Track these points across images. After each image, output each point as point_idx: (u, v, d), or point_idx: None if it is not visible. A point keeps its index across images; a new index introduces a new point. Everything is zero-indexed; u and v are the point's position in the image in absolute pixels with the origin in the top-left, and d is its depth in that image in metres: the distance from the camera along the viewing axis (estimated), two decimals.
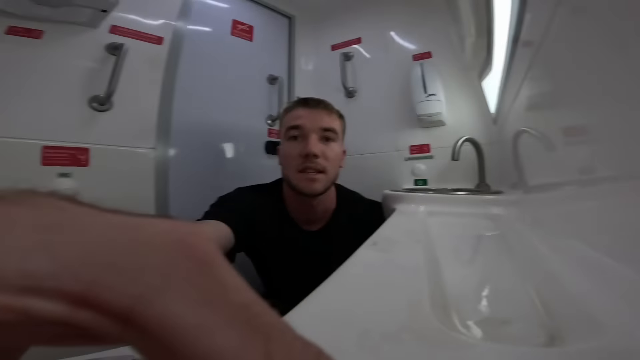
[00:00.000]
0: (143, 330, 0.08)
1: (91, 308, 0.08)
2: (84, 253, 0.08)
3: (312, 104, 0.80)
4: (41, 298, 0.07)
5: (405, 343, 0.18)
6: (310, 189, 0.75)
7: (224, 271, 0.09)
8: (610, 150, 0.27)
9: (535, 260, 0.37)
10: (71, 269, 0.08)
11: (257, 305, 0.09)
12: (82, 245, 0.08)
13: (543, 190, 0.52)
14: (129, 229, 0.09)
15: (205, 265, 0.09)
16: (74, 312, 0.08)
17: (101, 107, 0.90)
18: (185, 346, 0.08)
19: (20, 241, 0.08)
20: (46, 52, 0.83)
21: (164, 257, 0.08)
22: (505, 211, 0.70)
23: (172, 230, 0.09)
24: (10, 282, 0.07)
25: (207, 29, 1.22)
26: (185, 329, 0.08)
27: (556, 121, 0.42)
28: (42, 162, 0.80)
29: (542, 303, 0.25)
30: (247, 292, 0.09)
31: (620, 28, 0.24)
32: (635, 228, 0.23)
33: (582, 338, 0.18)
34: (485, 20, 0.81)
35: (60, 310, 0.08)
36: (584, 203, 0.34)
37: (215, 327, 0.08)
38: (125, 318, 0.08)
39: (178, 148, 1.07)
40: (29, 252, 0.07)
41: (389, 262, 0.36)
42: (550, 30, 0.39)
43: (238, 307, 0.09)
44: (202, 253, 0.09)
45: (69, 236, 0.08)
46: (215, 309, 0.08)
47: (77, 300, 0.08)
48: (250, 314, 0.09)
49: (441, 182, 1.24)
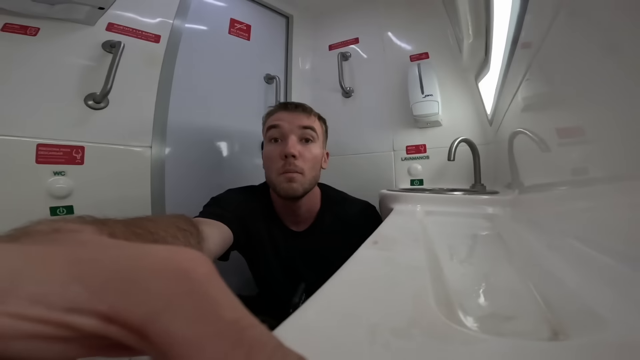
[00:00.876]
0: (152, 343, 0.09)
1: (116, 323, 0.10)
2: (104, 282, 0.10)
3: (291, 107, 0.82)
4: (80, 315, 0.10)
5: (415, 338, 0.18)
6: (291, 190, 0.77)
7: (217, 290, 0.11)
8: (603, 151, 0.28)
9: (532, 258, 0.37)
10: (97, 294, 0.10)
11: (245, 320, 0.10)
12: (102, 275, 0.10)
13: (538, 191, 0.53)
14: (136, 259, 0.11)
15: (200, 286, 0.10)
16: (105, 326, 0.10)
17: (97, 105, 0.89)
18: (181, 357, 0.09)
19: (58, 273, 0.10)
20: (42, 49, 0.82)
21: (164, 282, 0.10)
22: (500, 211, 0.71)
23: (171, 258, 0.11)
24: (59, 305, 0.10)
25: (205, 27, 1.22)
26: (182, 342, 0.09)
27: (552, 122, 0.43)
28: (37, 160, 0.79)
29: (543, 299, 0.26)
30: (237, 308, 0.11)
31: (617, 32, 0.25)
32: (628, 227, 0.24)
33: (586, 332, 0.19)
34: (484, 22, 0.82)
35: (95, 325, 0.10)
36: (578, 203, 0.35)
37: (206, 340, 0.09)
38: (140, 332, 0.10)
39: (174, 146, 1.06)
40: (67, 282, 0.10)
41: (391, 260, 0.37)
42: (550, 33, 0.39)
43: (227, 322, 0.10)
44: (197, 275, 0.11)
45: (91, 268, 0.10)
46: (208, 324, 0.10)
47: (106, 317, 0.10)
48: (237, 328, 0.10)
49: (437, 182, 1.25)
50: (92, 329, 0.10)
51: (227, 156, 1.25)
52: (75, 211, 0.83)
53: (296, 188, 0.77)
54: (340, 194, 0.96)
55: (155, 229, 0.32)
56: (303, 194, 0.79)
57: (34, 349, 0.09)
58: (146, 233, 0.29)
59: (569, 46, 0.35)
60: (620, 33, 0.24)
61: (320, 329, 0.20)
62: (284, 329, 0.20)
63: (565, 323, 0.21)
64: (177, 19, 1.09)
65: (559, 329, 0.20)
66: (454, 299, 0.26)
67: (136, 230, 0.28)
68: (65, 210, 0.82)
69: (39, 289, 0.09)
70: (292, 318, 0.22)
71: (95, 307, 0.10)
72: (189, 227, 0.43)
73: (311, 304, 0.25)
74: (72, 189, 0.83)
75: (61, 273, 0.10)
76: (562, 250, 0.34)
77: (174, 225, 0.38)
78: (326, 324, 0.21)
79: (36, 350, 0.09)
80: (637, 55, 0.22)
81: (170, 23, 1.07)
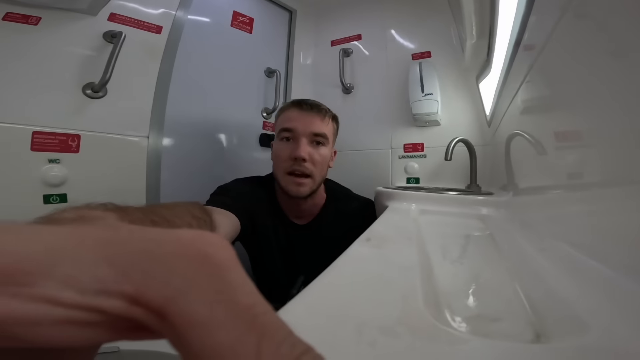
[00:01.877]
0: (173, 325, 0.10)
1: (140, 305, 0.10)
2: (131, 263, 0.10)
3: (306, 107, 0.81)
4: (108, 298, 0.10)
5: (401, 337, 0.19)
6: (296, 192, 0.79)
7: (236, 276, 0.11)
8: (599, 156, 0.29)
9: (522, 260, 0.38)
10: (125, 275, 0.10)
11: (260, 307, 0.11)
12: (129, 257, 0.10)
13: (532, 193, 0.53)
14: (161, 242, 0.11)
15: (220, 271, 0.11)
16: (130, 308, 0.10)
17: (95, 94, 0.88)
18: (197, 338, 0.10)
19: (90, 254, 0.10)
20: (42, 38, 0.82)
21: (187, 265, 0.10)
22: (494, 212, 0.71)
23: (194, 242, 0.11)
24: (89, 287, 0.10)
25: (207, 19, 1.21)
26: (198, 324, 0.10)
27: (549, 126, 0.43)
28: (32, 147, 0.79)
29: (529, 302, 0.26)
30: (253, 294, 0.11)
31: (622, 37, 0.25)
32: (619, 232, 0.24)
33: (567, 336, 0.19)
34: (488, 22, 0.82)
35: (121, 307, 0.10)
36: (571, 207, 0.36)
37: (222, 322, 0.10)
38: (162, 314, 0.10)
39: (171, 137, 1.06)
40: (97, 263, 0.10)
41: (383, 258, 0.37)
42: (554, 35, 0.39)
43: (243, 307, 0.10)
44: (218, 260, 0.11)
45: (120, 250, 0.10)
46: (225, 307, 0.10)
47: (132, 299, 0.10)
48: (252, 313, 0.10)
49: (433, 181, 1.26)
50: (119, 311, 0.10)
51: (225, 148, 1.25)
52: (68, 199, 0.83)
53: (304, 191, 0.79)
54: (344, 190, 0.98)
55: (172, 217, 0.32)
56: (309, 195, 0.81)
57: (64, 333, 0.10)
58: (163, 221, 0.30)
59: (571, 49, 0.35)
60: (624, 38, 0.24)
61: (308, 326, 0.21)
62: None
63: (548, 326, 0.21)
64: (180, 10, 1.08)
65: (541, 331, 0.21)
66: (442, 300, 0.27)
67: (154, 217, 0.28)
68: (59, 199, 0.82)
69: (73, 270, 0.10)
70: (280, 313, 0.22)
71: (122, 288, 0.10)
72: (203, 215, 0.43)
73: (300, 300, 0.25)
74: (67, 177, 0.83)
75: (93, 253, 0.10)
76: (552, 253, 0.35)
77: (189, 213, 0.39)
78: (314, 321, 0.21)
79: (65, 335, 0.10)
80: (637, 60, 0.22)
81: (173, 14, 1.06)
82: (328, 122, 0.84)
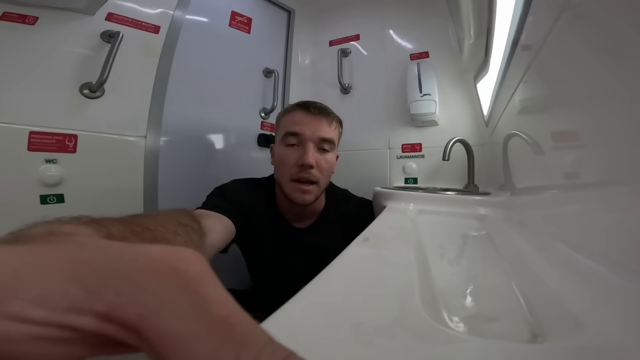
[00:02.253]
0: (148, 340, 0.10)
1: (113, 322, 0.10)
2: (101, 282, 0.10)
3: (314, 111, 0.79)
4: (79, 315, 0.10)
5: (398, 336, 0.19)
6: (301, 200, 0.77)
7: (210, 288, 0.11)
8: (596, 156, 0.29)
9: (520, 260, 0.38)
10: (95, 294, 0.10)
11: (237, 316, 0.11)
12: (99, 276, 0.10)
13: (529, 193, 0.54)
14: (130, 261, 0.11)
15: (192, 284, 0.11)
16: (103, 325, 0.10)
17: (92, 94, 0.88)
18: (173, 352, 0.10)
19: (56, 274, 0.10)
20: (39, 38, 0.81)
21: (158, 282, 0.10)
22: (492, 212, 0.71)
23: (164, 259, 0.11)
24: (59, 305, 0.10)
25: (205, 19, 1.21)
26: (173, 339, 0.10)
27: (547, 126, 0.43)
28: (29, 147, 0.79)
29: (525, 301, 0.26)
30: (228, 305, 0.11)
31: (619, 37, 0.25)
32: (615, 231, 0.24)
33: (563, 336, 0.19)
34: (485, 22, 0.82)
35: (93, 324, 0.10)
36: (568, 207, 0.36)
37: (198, 336, 0.10)
38: (137, 330, 0.10)
39: (169, 137, 1.06)
40: (64, 282, 0.10)
41: (380, 258, 0.37)
42: (551, 35, 0.39)
43: (219, 318, 0.10)
44: (190, 275, 0.11)
45: (89, 269, 0.10)
46: (199, 320, 0.10)
47: (103, 316, 0.10)
48: (229, 323, 0.10)
49: (431, 182, 1.26)
50: (91, 328, 0.10)
51: (223, 149, 1.25)
52: (65, 199, 0.83)
53: (309, 199, 0.78)
54: (343, 193, 0.97)
55: (155, 226, 0.31)
56: (313, 202, 0.80)
57: (37, 350, 0.10)
58: (145, 231, 0.29)
59: (569, 49, 0.35)
60: (622, 38, 0.24)
61: (305, 326, 0.20)
62: (269, 325, 0.20)
63: (545, 326, 0.21)
64: (178, 10, 1.08)
65: (538, 331, 0.21)
66: (439, 299, 0.27)
67: (135, 228, 0.27)
68: (56, 199, 0.82)
69: (40, 289, 0.10)
70: (277, 314, 0.22)
71: (93, 306, 0.10)
72: (190, 222, 0.42)
73: (297, 300, 0.25)
74: (64, 177, 0.82)
75: (60, 273, 0.10)
76: (549, 253, 0.35)
77: (174, 220, 0.38)
78: (311, 321, 0.21)
79: (39, 352, 0.10)
80: (638, 61, 0.22)
81: (171, 14, 1.06)
82: (335, 126, 0.82)
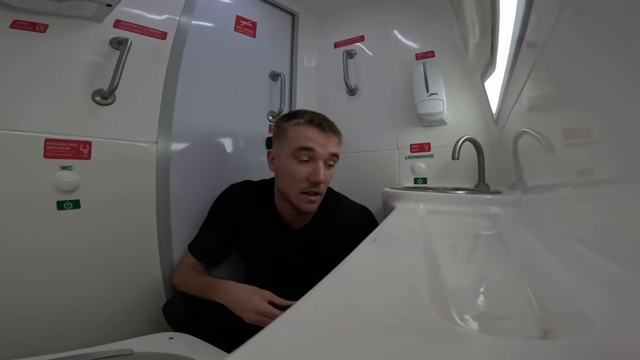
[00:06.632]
0: None
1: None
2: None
3: (327, 128, 0.83)
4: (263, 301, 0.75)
5: (406, 334, 0.19)
6: (308, 209, 0.85)
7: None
8: (609, 153, 0.28)
9: (531, 259, 0.37)
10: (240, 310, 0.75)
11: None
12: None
13: (541, 191, 0.53)
14: (236, 296, 0.76)
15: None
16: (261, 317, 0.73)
17: (104, 101, 0.90)
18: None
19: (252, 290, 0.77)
20: (50, 46, 0.83)
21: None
22: (503, 211, 0.71)
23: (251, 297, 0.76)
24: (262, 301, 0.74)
25: (211, 24, 1.22)
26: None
27: (557, 123, 0.43)
28: (45, 154, 0.81)
29: (537, 300, 0.26)
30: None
31: (625, 31, 0.24)
32: (629, 229, 0.24)
33: (573, 333, 0.19)
34: (489, 21, 0.81)
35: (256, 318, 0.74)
36: (581, 205, 0.35)
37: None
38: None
39: (179, 142, 1.07)
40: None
41: (389, 258, 0.37)
42: (555, 32, 0.39)
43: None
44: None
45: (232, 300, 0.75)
46: None
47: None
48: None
49: (441, 181, 1.25)
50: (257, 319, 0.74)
51: (232, 152, 1.26)
52: (81, 205, 0.85)
53: (314, 208, 0.86)
54: (339, 197, 1.00)
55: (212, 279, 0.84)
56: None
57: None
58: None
59: (574, 45, 0.35)
60: (627, 31, 0.24)
61: (314, 324, 0.21)
62: (278, 323, 0.21)
63: (555, 323, 0.21)
64: (184, 15, 1.09)
65: (548, 328, 0.20)
66: (449, 297, 0.27)
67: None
68: (72, 205, 0.84)
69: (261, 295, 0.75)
70: (288, 312, 0.22)
71: (243, 315, 0.75)
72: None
73: (307, 298, 0.25)
74: (79, 183, 0.84)
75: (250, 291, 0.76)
76: (561, 251, 0.34)
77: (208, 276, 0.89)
78: (320, 318, 0.22)
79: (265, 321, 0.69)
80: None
81: (177, 20, 1.07)
82: (340, 142, 0.89)
